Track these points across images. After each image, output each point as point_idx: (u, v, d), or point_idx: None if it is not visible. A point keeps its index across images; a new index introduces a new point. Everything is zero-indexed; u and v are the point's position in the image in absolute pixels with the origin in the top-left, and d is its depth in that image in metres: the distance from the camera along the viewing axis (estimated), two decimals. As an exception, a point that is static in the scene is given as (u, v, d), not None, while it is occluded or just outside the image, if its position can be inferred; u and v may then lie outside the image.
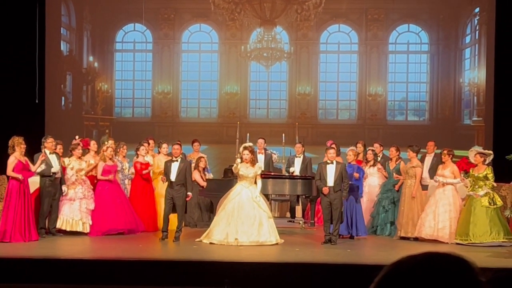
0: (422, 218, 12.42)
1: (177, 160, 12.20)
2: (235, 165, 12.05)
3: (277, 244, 11.66)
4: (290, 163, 14.81)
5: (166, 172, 12.14)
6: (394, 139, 17.04)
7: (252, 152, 12.00)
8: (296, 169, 14.60)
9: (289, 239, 12.51)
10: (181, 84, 20.84)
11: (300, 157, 14.73)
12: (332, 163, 11.99)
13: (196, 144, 15.35)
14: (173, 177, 12.09)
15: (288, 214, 15.50)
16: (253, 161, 11.91)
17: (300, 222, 14.19)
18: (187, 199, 12.71)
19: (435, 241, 12.25)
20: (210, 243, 11.61)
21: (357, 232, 12.76)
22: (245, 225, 11.54)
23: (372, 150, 14.02)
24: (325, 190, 11.82)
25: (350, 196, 12.70)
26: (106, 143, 13.66)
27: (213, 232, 11.74)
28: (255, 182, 11.95)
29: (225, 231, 11.58)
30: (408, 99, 20.67)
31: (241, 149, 12.14)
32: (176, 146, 12.36)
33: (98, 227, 12.62)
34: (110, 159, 13.00)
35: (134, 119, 20.72)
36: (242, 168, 11.80)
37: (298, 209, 15.19)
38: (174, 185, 12.08)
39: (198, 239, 11.89)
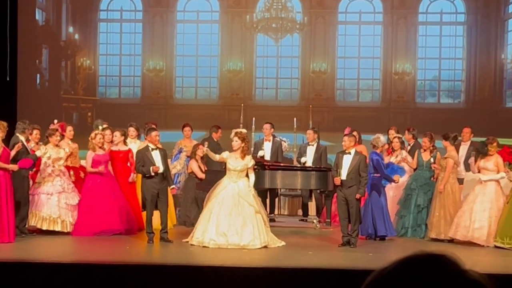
0: (458, 217, 12.39)
1: (156, 148, 12.18)
2: (222, 154, 12.01)
3: (265, 247, 11.63)
4: (302, 153, 14.80)
5: (146, 162, 12.02)
6: (424, 125, 17.01)
7: (244, 140, 11.96)
8: (308, 159, 14.60)
9: (301, 241, 12.54)
10: (175, 60, 20.83)
11: (313, 145, 14.72)
12: (349, 153, 11.99)
13: (187, 129, 15.32)
14: (161, 167, 12.07)
15: (300, 212, 15.52)
16: (244, 151, 11.89)
17: (314, 221, 14.22)
18: (173, 192, 12.66)
19: (470, 243, 12.23)
20: (191, 244, 11.68)
21: (376, 232, 12.76)
22: (224, 225, 11.55)
23: (399, 138, 14.00)
24: (337, 180, 11.85)
25: (372, 191, 12.71)
26: (100, 127, 13.68)
27: (195, 231, 11.81)
28: (247, 175, 11.95)
29: (203, 230, 11.63)
30: (441, 78, 20.66)
31: (231, 135, 12.15)
32: (155, 132, 12.35)
33: (88, 226, 12.62)
34: (100, 147, 13.00)
35: (120, 101, 20.74)
36: (230, 160, 11.80)
37: (312, 206, 15.21)
38: (159, 178, 12.05)
39: (185, 240, 11.93)
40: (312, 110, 18.18)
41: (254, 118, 16.54)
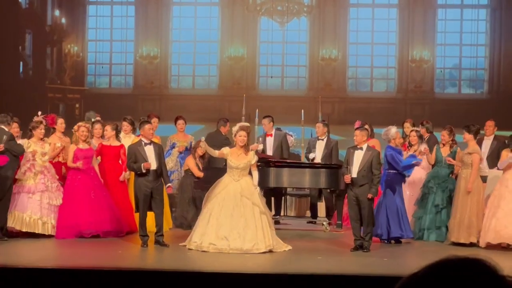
0: (498, 218, 12.33)
1: (150, 143, 12.15)
2: (222, 150, 11.96)
3: (270, 251, 11.58)
4: (311, 148, 14.77)
5: (138, 158, 11.99)
6: (444, 118, 16.98)
7: (248, 135, 11.96)
8: (317, 155, 14.58)
9: (309, 245, 12.50)
10: (171, 46, 20.81)
11: (323, 139, 14.70)
12: (361, 148, 11.95)
13: (180, 122, 15.19)
14: (154, 164, 12.04)
15: (308, 213, 15.49)
16: (247, 147, 11.88)
17: (324, 223, 14.18)
18: (169, 191, 12.61)
19: (496, 247, 12.18)
20: (189, 248, 11.65)
21: (390, 233, 12.74)
22: (225, 227, 11.52)
23: (417, 131, 13.95)
24: (347, 178, 11.80)
25: (386, 189, 12.67)
26: (92, 120, 13.66)
27: (193, 234, 11.78)
28: (250, 173, 11.92)
29: (202, 233, 11.60)
30: (462, 67, 20.63)
31: (235, 128, 12.09)
32: (149, 125, 12.29)
33: (67, 228, 12.60)
34: (84, 141, 12.96)
35: (111, 91, 20.73)
36: (232, 156, 11.75)
37: (321, 207, 15.18)
38: (153, 176, 12.02)
39: (182, 244, 11.90)
40: (321, 101, 18.09)
41: (257, 110, 16.47)
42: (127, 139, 13.82)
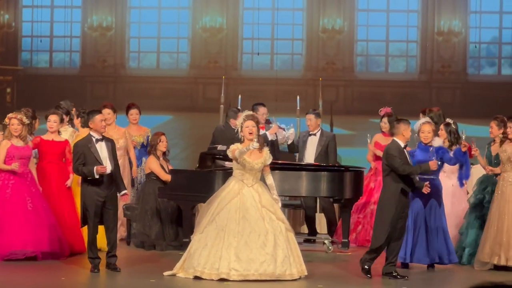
0: None
1: (101, 139, 12.07)
2: (233, 147, 11.88)
3: (300, 278, 11.54)
4: (300, 145, 14.77)
5: (88, 159, 11.88)
6: (479, 105, 17.02)
7: (258, 124, 11.87)
8: (308, 155, 14.61)
9: (307, 270, 12.45)
10: (129, 14, 20.76)
11: (315, 134, 14.70)
12: (404, 147, 11.92)
13: (133, 112, 15.06)
14: (109, 167, 11.93)
15: (304, 229, 15.47)
16: (261, 142, 11.79)
17: (326, 241, 14.17)
18: (125, 199, 12.53)
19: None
20: (194, 276, 11.48)
21: (413, 257, 12.71)
22: (251, 246, 11.43)
23: (447, 125, 13.86)
24: (427, 188, 11.80)
25: (431, 199, 12.62)
26: (72, 110, 13.67)
27: (196, 258, 11.57)
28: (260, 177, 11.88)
29: (215, 255, 11.45)
30: (502, 41, 20.66)
31: (240, 120, 12.01)
32: (100, 116, 12.17)
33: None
34: (19, 136, 12.86)
35: (52, 71, 20.68)
36: (245, 155, 11.69)
37: (321, 220, 15.16)
38: (107, 181, 11.95)
39: (169, 273, 11.74)
40: (322, 84, 18.07)
41: (240, 96, 16.46)
42: (63, 133, 13.77)
